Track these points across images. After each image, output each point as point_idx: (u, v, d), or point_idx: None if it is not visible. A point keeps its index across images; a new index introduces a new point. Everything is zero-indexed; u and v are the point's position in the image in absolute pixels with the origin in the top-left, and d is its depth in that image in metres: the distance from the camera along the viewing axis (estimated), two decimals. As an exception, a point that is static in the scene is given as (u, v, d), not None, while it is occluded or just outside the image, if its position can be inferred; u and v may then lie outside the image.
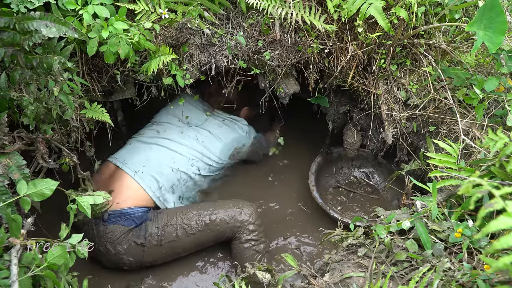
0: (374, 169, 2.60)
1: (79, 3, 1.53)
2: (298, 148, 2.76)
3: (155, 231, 1.93)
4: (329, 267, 1.49)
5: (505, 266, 0.78)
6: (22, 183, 1.27)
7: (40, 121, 1.54)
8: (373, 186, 2.57)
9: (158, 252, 1.96)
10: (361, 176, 2.63)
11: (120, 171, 2.07)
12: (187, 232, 1.97)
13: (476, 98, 1.75)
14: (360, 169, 2.64)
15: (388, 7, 1.77)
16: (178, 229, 1.96)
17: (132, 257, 1.93)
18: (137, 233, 1.92)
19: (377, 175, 2.59)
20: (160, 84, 1.87)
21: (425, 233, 1.37)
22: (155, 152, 2.15)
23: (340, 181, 2.61)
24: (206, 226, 2.00)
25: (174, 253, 2.02)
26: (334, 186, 2.58)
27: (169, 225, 1.96)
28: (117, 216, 1.92)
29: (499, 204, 0.77)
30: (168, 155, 2.15)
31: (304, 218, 2.40)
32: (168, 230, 1.95)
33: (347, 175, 2.64)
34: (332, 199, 2.51)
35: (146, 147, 2.17)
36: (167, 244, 1.95)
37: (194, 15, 1.74)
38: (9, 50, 1.32)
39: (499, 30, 1.52)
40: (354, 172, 2.64)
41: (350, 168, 2.65)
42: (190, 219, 1.99)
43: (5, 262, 1.18)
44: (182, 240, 1.97)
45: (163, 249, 1.96)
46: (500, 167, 1.40)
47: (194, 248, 2.06)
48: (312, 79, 2.03)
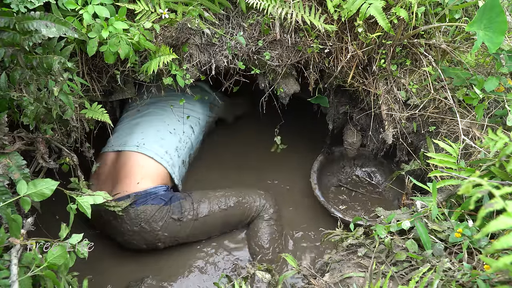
0: (376, 168, 2.61)
1: (79, 3, 1.53)
2: (299, 147, 2.76)
3: (191, 207, 2.05)
4: (329, 267, 1.49)
5: (505, 266, 0.78)
6: (22, 183, 1.27)
7: (40, 121, 1.54)
8: (375, 186, 2.58)
9: (193, 227, 2.05)
10: (363, 175, 2.63)
11: (123, 153, 2.10)
12: (220, 207, 2.11)
13: (476, 98, 1.75)
14: (362, 168, 2.64)
15: (388, 7, 1.77)
16: (211, 204, 2.10)
17: (168, 232, 2.00)
18: (173, 210, 2.01)
19: (379, 174, 2.60)
20: (160, 84, 1.87)
21: (425, 233, 1.37)
22: (147, 123, 2.20)
23: (342, 180, 2.62)
24: (237, 203, 2.16)
25: (205, 231, 2.12)
26: (336, 185, 2.59)
27: (203, 201, 2.09)
28: (143, 197, 1.97)
29: (499, 204, 0.77)
30: (160, 120, 2.22)
31: (306, 217, 2.40)
32: (203, 206, 2.08)
33: (349, 174, 2.65)
34: (334, 198, 2.51)
35: (136, 123, 2.22)
36: (202, 219, 2.06)
37: (194, 15, 1.74)
38: (9, 50, 1.32)
39: (499, 30, 1.52)
40: (356, 171, 2.65)
41: (352, 167, 2.65)
42: (220, 197, 2.14)
43: (5, 262, 1.18)
44: (214, 216, 2.09)
45: (198, 223, 2.06)
46: (500, 167, 1.40)
47: (221, 227, 2.16)
48: (312, 79, 2.03)
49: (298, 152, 2.74)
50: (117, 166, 2.09)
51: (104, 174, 2.12)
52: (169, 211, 2.00)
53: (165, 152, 2.13)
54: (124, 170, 2.04)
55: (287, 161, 2.71)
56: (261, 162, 2.69)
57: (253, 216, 2.21)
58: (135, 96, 2.02)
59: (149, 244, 2.04)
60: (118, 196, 1.96)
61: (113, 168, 2.10)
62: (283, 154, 2.72)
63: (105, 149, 2.19)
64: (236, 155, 2.75)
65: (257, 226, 2.19)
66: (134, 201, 1.94)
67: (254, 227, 2.20)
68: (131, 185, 1.99)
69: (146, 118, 2.24)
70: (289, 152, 2.73)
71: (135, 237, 2.00)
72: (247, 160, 2.71)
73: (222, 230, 2.20)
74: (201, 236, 2.16)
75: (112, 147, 2.15)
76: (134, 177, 2.02)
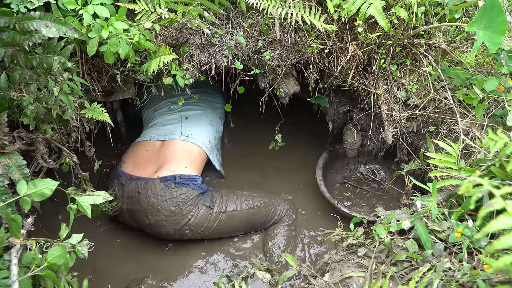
0: (380, 166, 2.61)
1: (79, 3, 1.53)
2: (299, 147, 2.76)
3: (221, 199, 2.16)
4: (329, 267, 1.49)
5: (505, 266, 0.78)
6: (22, 183, 1.27)
7: (40, 121, 1.54)
8: (379, 182, 2.59)
9: (220, 220, 2.13)
10: (366, 172, 2.64)
11: (171, 141, 2.28)
12: (247, 205, 2.21)
13: (476, 98, 1.75)
14: (366, 165, 2.65)
15: (388, 7, 1.77)
16: (240, 201, 2.21)
17: (198, 219, 2.08)
18: (205, 199, 2.13)
19: (383, 171, 2.60)
20: (160, 84, 1.87)
21: (425, 233, 1.37)
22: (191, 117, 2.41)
23: (346, 177, 2.63)
24: (263, 203, 2.25)
25: (230, 227, 2.18)
26: (340, 182, 2.60)
27: (232, 197, 2.21)
28: (186, 180, 2.12)
29: (499, 204, 0.77)
30: (200, 114, 2.44)
31: (309, 215, 2.41)
32: (231, 201, 2.19)
33: (353, 171, 2.66)
34: (339, 195, 2.53)
35: (177, 117, 2.41)
36: (230, 213, 2.16)
37: (194, 15, 1.74)
38: (9, 50, 1.32)
39: (499, 30, 1.52)
40: (360, 168, 2.66)
41: (356, 164, 2.66)
42: (247, 196, 2.25)
43: (5, 262, 1.18)
44: (241, 212, 2.18)
45: (225, 217, 2.14)
46: (500, 167, 1.40)
47: (245, 225, 2.22)
48: (312, 79, 2.03)
49: (299, 151, 2.74)
50: (165, 151, 2.26)
51: (143, 158, 2.26)
52: (202, 199, 2.13)
53: (208, 141, 2.37)
54: (173, 155, 2.22)
55: (286, 160, 2.71)
56: (263, 160, 2.70)
57: (276, 219, 2.28)
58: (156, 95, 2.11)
59: (178, 229, 2.08)
60: (166, 174, 2.11)
61: (158, 154, 2.26)
62: (283, 154, 2.73)
63: (142, 138, 2.38)
64: (239, 154, 2.77)
65: (277, 229, 2.26)
66: (178, 182, 2.09)
67: (274, 229, 2.26)
68: (178, 168, 2.16)
69: (187, 113, 2.45)
70: (289, 152, 2.74)
71: (168, 220, 2.06)
72: (251, 159, 2.73)
73: (246, 229, 2.25)
74: (225, 232, 2.20)
75: (155, 137, 2.34)
76: (182, 161, 2.20)
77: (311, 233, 2.32)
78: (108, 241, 2.20)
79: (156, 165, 2.21)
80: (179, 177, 2.11)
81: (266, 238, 2.25)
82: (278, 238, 2.22)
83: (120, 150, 2.62)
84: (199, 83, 2.38)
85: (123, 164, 2.27)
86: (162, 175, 2.11)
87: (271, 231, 2.26)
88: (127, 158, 2.29)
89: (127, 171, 2.20)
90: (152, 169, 2.18)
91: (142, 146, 2.34)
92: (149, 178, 2.12)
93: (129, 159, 2.29)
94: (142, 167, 2.22)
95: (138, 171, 2.19)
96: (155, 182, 2.08)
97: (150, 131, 2.41)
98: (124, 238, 2.24)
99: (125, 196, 2.12)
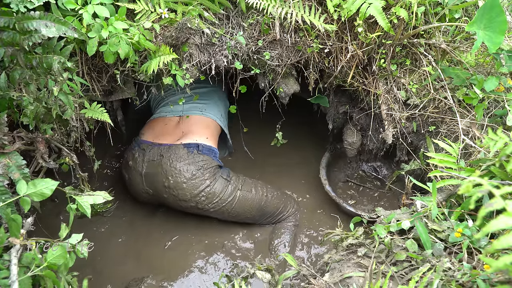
0: (382, 163, 2.62)
1: (79, 3, 1.53)
2: (300, 147, 2.76)
3: (237, 177, 2.24)
4: (329, 267, 1.49)
5: (505, 266, 0.78)
6: (22, 183, 1.27)
7: (40, 121, 1.54)
8: (381, 180, 2.59)
9: (234, 197, 2.17)
10: (369, 170, 2.65)
11: (189, 117, 2.34)
12: (261, 191, 2.26)
13: (476, 98, 1.75)
14: (368, 163, 2.66)
15: (388, 7, 1.77)
16: (255, 185, 2.27)
17: (215, 188, 2.13)
18: (223, 172, 2.21)
19: (385, 168, 2.61)
20: (160, 84, 1.87)
21: (425, 233, 1.37)
22: (199, 93, 2.42)
23: (349, 175, 2.63)
24: (275, 195, 2.31)
25: (241, 207, 2.20)
26: (343, 181, 2.60)
27: (248, 180, 2.27)
28: (208, 149, 2.19)
29: (499, 204, 0.77)
30: (208, 90, 2.47)
31: (309, 213, 2.42)
32: (247, 183, 2.26)
33: (356, 169, 2.66)
34: (342, 193, 2.53)
35: (190, 98, 2.41)
36: (244, 192, 2.21)
37: (194, 15, 1.74)
38: (9, 50, 1.32)
39: (499, 30, 1.52)
40: (362, 166, 2.66)
41: (358, 162, 2.67)
42: (262, 185, 2.30)
43: (5, 262, 1.18)
44: (255, 196, 2.23)
45: (240, 194, 2.19)
46: (500, 167, 1.40)
47: (256, 212, 2.25)
48: (312, 79, 2.03)
49: (299, 151, 2.75)
50: (185, 124, 2.32)
51: (164, 130, 2.32)
52: (220, 172, 2.20)
53: (220, 115, 2.45)
54: (194, 127, 2.30)
55: (286, 161, 2.71)
56: (265, 159, 2.70)
57: (284, 215, 2.33)
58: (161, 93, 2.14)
59: (194, 195, 2.11)
60: (190, 141, 2.19)
61: (177, 127, 2.33)
62: (283, 154, 2.73)
63: (158, 115, 2.42)
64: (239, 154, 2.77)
65: (284, 228, 2.31)
66: (201, 150, 2.17)
67: (281, 228, 2.31)
68: (201, 138, 2.23)
69: (197, 91, 2.46)
70: (289, 152, 2.74)
71: (188, 182, 2.09)
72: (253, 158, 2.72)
73: (255, 216, 2.27)
74: (236, 213, 2.22)
75: (171, 113, 2.39)
76: (204, 133, 2.28)
77: (311, 232, 2.33)
78: (108, 241, 2.20)
79: (178, 135, 2.28)
80: (202, 145, 2.18)
81: (272, 236, 2.29)
82: (284, 236, 2.26)
83: (120, 151, 2.62)
84: (199, 82, 2.39)
85: (142, 135, 2.32)
86: (186, 141, 2.18)
87: (277, 230, 2.31)
88: (146, 131, 2.34)
89: (149, 139, 2.26)
90: (174, 138, 2.25)
91: (160, 120, 2.39)
92: (172, 144, 2.18)
93: (148, 131, 2.34)
94: (163, 137, 2.28)
95: (160, 140, 2.25)
96: (179, 147, 2.15)
97: (165, 108, 2.46)
98: (124, 238, 2.24)
99: (145, 160, 2.17)
